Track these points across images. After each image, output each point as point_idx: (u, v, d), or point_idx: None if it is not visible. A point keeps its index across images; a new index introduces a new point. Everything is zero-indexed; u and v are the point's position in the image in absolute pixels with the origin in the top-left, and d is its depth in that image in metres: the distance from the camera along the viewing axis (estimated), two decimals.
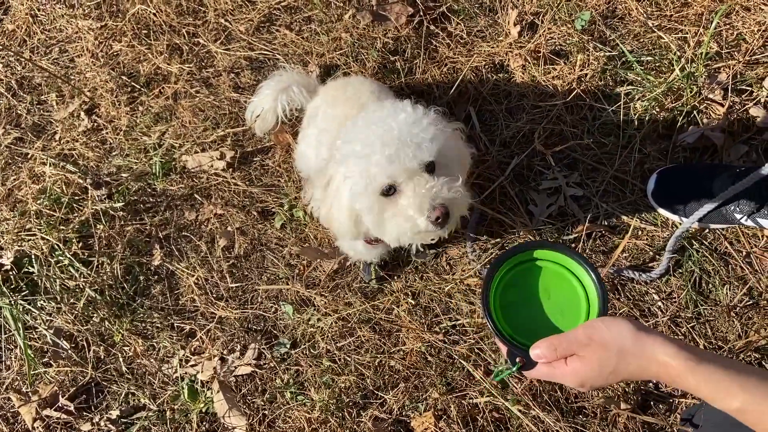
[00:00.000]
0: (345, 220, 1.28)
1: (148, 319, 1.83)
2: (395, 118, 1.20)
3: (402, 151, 1.18)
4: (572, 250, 1.05)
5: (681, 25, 1.91)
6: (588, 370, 0.91)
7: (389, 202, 1.24)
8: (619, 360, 0.88)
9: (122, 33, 2.19)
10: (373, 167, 1.19)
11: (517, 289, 1.05)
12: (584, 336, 0.92)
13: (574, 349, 0.92)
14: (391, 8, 2.07)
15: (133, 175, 1.97)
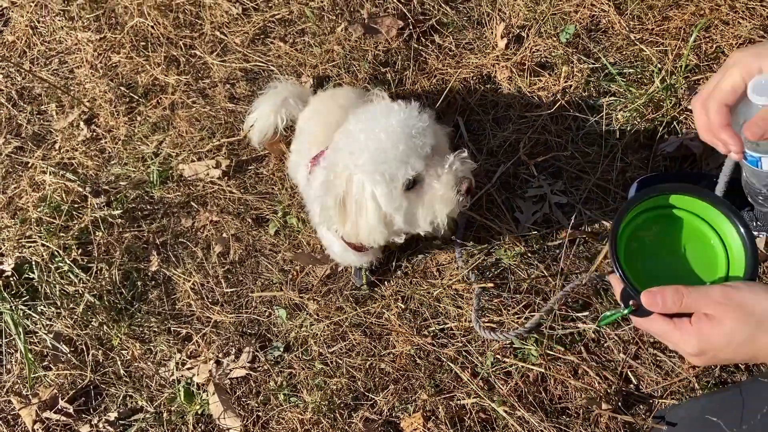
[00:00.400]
0: (377, 226, 1.32)
1: (146, 323, 1.88)
2: (389, 115, 1.27)
3: (411, 143, 1.25)
4: (722, 200, 0.90)
5: (662, 38, 1.98)
6: (716, 334, 0.74)
7: (414, 194, 1.31)
8: (757, 331, 0.73)
9: (121, 45, 2.25)
10: (391, 167, 1.24)
11: (646, 235, 0.93)
12: (720, 293, 0.76)
13: (704, 305, 0.76)
14: (382, 21, 2.13)
15: (131, 184, 2.03)
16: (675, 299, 0.76)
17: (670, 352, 1.62)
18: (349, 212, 1.32)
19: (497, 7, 2.12)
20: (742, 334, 0.73)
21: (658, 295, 0.77)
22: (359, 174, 1.28)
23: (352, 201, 1.30)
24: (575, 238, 1.78)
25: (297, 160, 1.69)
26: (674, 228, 0.92)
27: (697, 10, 1.99)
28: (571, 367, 1.64)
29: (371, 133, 1.26)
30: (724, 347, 0.75)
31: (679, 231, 0.92)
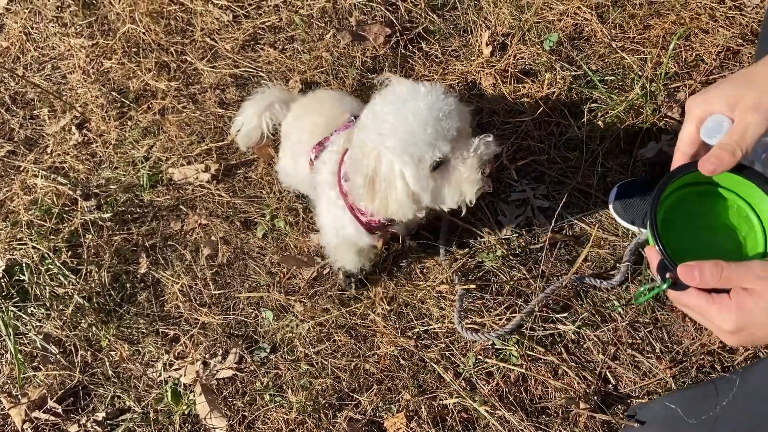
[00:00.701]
0: (406, 202, 1.38)
1: (134, 324, 1.90)
2: (417, 98, 1.30)
3: (439, 126, 1.29)
4: (760, 174, 0.88)
5: (643, 46, 2.02)
6: (758, 309, 0.73)
7: (440, 174, 1.36)
8: None
9: (113, 51, 2.28)
10: (420, 149, 1.29)
11: (683, 211, 0.92)
12: (761, 267, 0.74)
13: (744, 280, 0.74)
14: (370, 29, 2.17)
15: (122, 187, 2.05)
16: (714, 272, 0.75)
17: (648, 353, 1.65)
18: (378, 190, 1.37)
19: (483, 16, 2.16)
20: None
21: (696, 269, 0.76)
22: (388, 155, 1.33)
23: (381, 179, 1.36)
24: (556, 242, 1.81)
25: (285, 164, 1.73)
26: (712, 204, 0.92)
27: (677, 19, 2.03)
28: (551, 368, 1.67)
29: (399, 114, 1.30)
30: (764, 323, 0.72)
31: (716, 207, 0.92)
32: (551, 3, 2.11)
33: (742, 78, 0.88)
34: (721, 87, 0.89)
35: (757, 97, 0.84)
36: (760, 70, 0.88)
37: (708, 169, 0.86)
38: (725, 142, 0.85)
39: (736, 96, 0.86)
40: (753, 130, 0.84)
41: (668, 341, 1.66)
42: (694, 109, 0.90)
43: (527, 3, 2.13)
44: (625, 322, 1.69)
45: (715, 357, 1.62)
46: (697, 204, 0.93)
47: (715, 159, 0.85)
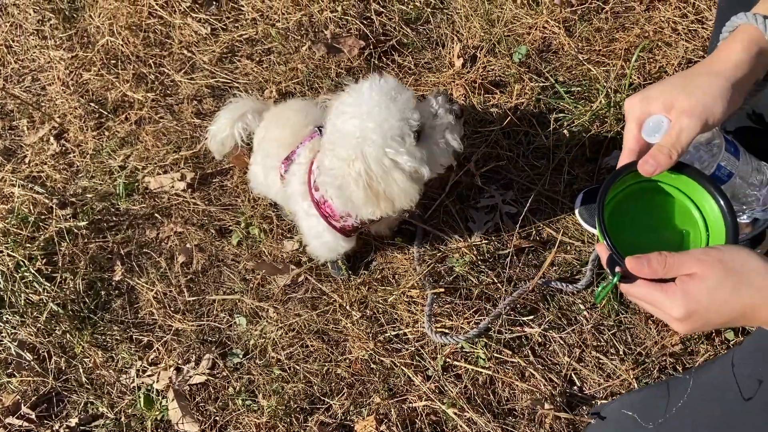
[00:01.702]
0: (410, 188, 1.43)
1: (108, 331, 1.92)
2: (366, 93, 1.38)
3: (399, 101, 1.36)
4: (702, 173, 0.93)
5: (608, 58, 2.09)
6: (701, 291, 0.77)
7: (423, 141, 1.42)
8: (740, 282, 0.76)
9: (92, 63, 2.32)
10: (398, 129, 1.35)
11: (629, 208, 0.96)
12: (701, 251, 0.79)
13: (687, 266, 0.78)
14: (345, 41, 2.22)
15: (98, 196, 2.08)
16: (659, 261, 0.79)
17: (611, 355, 1.69)
18: (378, 190, 1.40)
19: (455, 29, 2.23)
20: (726, 289, 0.75)
21: (643, 260, 0.80)
22: (373, 152, 1.36)
23: (377, 181, 1.39)
24: (524, 247, 1.85)
25: (256, 172, 1.77)
26: (657, 201, 0.96)
27: (641, 32, 2.10)
28: (518, 370, 1.70)
29: (362, 115, 1.35)
30: (709, 305, 0.76)
31: (661, 204, 0.95)
32: (520, 17, 2.18)
33: (679, 81, 0.93)
34: (658, 89, 0.94)
35: (691, 102, 0.89)
36: (697, 75, 0.93)
37: (646, 171, 0.91)
38: (662, 144, 0.90)
39: (672, 99, 0.91)
40: (687, 133, 0.89)
41: (631, 343, 1.70)
42: (633, 110, 0.95)
43: (497, 17, 2.19)
44: (590, 324, 1.73)
45: (677, 358, 1.66)
46: (642, 201, 0.96)
47: (653, 161, 0.90)
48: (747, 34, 0.94)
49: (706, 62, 0.95)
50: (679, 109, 0.91)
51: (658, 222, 0.95)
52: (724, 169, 1.06)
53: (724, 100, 0.90)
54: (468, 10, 2.22)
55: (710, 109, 0.90)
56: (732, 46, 0.94)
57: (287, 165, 1.64)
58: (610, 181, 0.94)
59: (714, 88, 0.91)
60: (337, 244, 1.70)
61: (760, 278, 0.76)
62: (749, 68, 0.93)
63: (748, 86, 0.95)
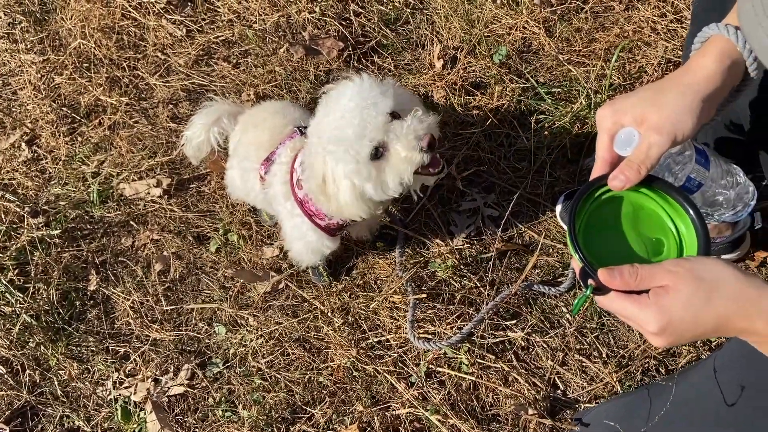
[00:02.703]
0: (354, 202, 1.40)
1: (84, 343, 1.87)
2: (345, 94, 1.35)
3: (366, 114, 1.32)
4: (671, 185, 0.94)
5: (588, 59, 2.08)
6: (675, 304, 0.76)
7: (382, 161, 1.38)
8: (712, 294, 0.75)
9: (64, 66, 2.26)
10: (353, 144, 1.32)
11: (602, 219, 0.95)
12: (671, 262, 0.79)
13: (659, 278, 0.78)
14: (323, 43, 2.19)
15: (71, 203, 2.03)
16: (631, 274, 0.79)
17: (594, 358, 1.68)
18: (331, 192, 1.41)
19: (435, 30, 2.20)
20: (699, 300, 0.75)
21: (615, 272, 0.80)
22: (329, 159, 1.37)
23: (330, 181, 1.39)
24: (506, 250, 1.84)
25: (233, 176, 1.73)
26: (630, 211, 0.95)
27: (621, 32, 2.09)
28: (501, 375, 1.68)
29: (331, 116, 1.35)
30: (683, 317, 0.76)
31: (634, 215, 0.95)
32: (500, 17, 2.16)
33: (650, 95, 0.92)
34: (629, 102, 0.93)
35: (661, 118, 0.89)
36: (668, 88, 0.92)
37: (616, 186, 0.90)
38: (631, 159, 0.89)
39: (642, 114, 0.90)
40: (656, 149, 0.89)
41: (614, 346, 1.70)
42: (604, 121, 0.94)
43: (477, 17, 2.17)
44: (572, 327, 1.72)
45: (660, 360, 1.66)
46: (614, 212, 0.95)
47: (622, 176, 0.89)
48: (719, 46, 0.93)
49: (678, 74, 0.95)
50: (648, 124, 0.90)
51: (630, 232, 0.94)
52: (694, 181, 1.06)
53: (693, 116, 0.90)
54: (448, 10, 2.19)
55: (680, 124, 0.89)
56: (703, 59, 0.93)
57: (267, 166, 1.61)
58: (582, 193, 0.94)
59: (684, 103, 0.90)
60: (322, 244, 1.67)
61: (732, 288, 0.75)
62: (721, 81, 0.92)
63: (720, 98, 0.94)
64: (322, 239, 1.65)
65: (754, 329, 0.76)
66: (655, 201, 0.95)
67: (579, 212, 0.92)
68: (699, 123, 0.91)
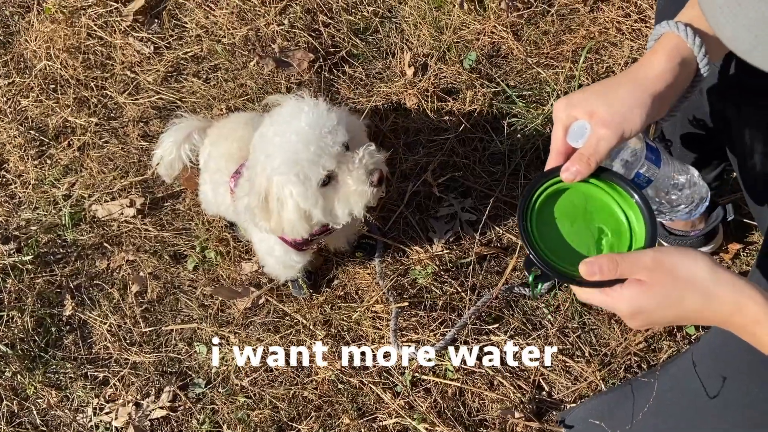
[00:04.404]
0: (297, 222, 1.40)
1: (61, 370, 1.83)
2: (299, 117, 1.34)
3: (322, 142, 1.32)
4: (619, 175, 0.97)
5: (557, 61, 2.10)
6: (646, 297, 0.80)
7: (331, 189, 1.39)
8: (686, 292, 0.79)
9: (30, 89, 2.22)
10: (304, 168, 1.32)
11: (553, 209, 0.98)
12: (651, 259, 0.82)
13: (637, 271, 0.82)
14: (294, 55, 2.19)
15: (43, 228, 1.99)
16: (610, 266, 0.82)
17: (578, 358, 1.69)
18: (272, 209, 1.39)
19: (404, 38, 2.21)
20: (672, 297, 0.79)
21: (595, 265, 0.83)
22: (276, 179, 1.36)
23: (273, 199, 1.38)
24: (486, 254, 1.84)
25: (206, 191, 1.72)
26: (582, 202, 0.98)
27: (587, 33, 2.12)
28: (486, 380, 1.69)
29: (283, 135, 1.34)
30: (654, 309, 0.81)
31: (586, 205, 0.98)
32: (468, 23, 2.17)
33: (601, 90, 0.95)
34: (581, 96, 0.96)
35: (610, 112, 0.92)
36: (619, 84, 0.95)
37: (567, 178, 0.94)
38: (581, 152, 0.92)
39: (592, 107, 0.93)
40: (604, 143, 0.92)
41: (596, 344, 1.71)
42: (559, 114, 0.97)
43: (446, 23, 2.19)
44: (554, 328, 1.73)
45: (642, 357, 1.67)
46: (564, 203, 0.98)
47: (574, 168, 0.93)
48: (671, 43, 0.95)
49: (630, 71, 0.97)
50: (598, 118, 0.93)
51: (580, 222, 0.97)
52: (643, 177, 1.10)
53: (642, 112, 0.92)
54: (416, 18, 2.20)
55: (628, 120, 0.92)
56: (655, 56, 0.95)
57: (236, 179, 1.60)
58: (533, 185, 0.97)
59: (633, 98, 0.92)
60: (289, 259, 1.66)
61: (705, 284, 0.79)
62: (672, 78, 0.94)
63: (672, 95, 0.97)
64: (288, 254, 1.64)
65: (729, 321, 0.80)
66: (604, 191, 0.98)
67: (530, 203, 0.96)
68: (648, 119, 0.93)
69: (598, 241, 0.96)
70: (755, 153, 1.22)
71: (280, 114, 1.38)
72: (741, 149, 1.24)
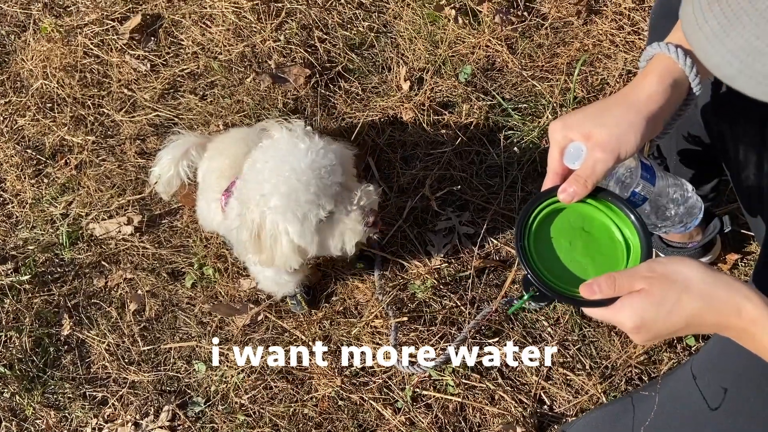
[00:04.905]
0: (291, 256, 1.41)
1: (60, 390, 1.82)
2: (297, 156, 1.34)
3: (321, 183, 1.33)
4: (615, 195, 0.99)
5: (551, 74, 2.11)
6: (646, 305, 0.82)
7: (326, 225, 1.40)
8: (682, 296, 0.80)
9: (26, 108, 2.22)
10: (303, 209, 1.32)
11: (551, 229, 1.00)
12: (646, 268, 0.85)
13: (634, 283, 0.84)
14: (290, 70, 2.19)
15: (40, 247, 1.98)
16: (609, 284, 0.85)
17: (578, 371, 1.69)
18: (264, 244, 1.39)
19: (400, 52, 2.22)
20: (670, 301, 0.80)
21: (594, 285, 0.86)
22: (271, 215, 1.35)
23: (266, 234, 1.38)
24: (484, 267, 1.84)
25: (203, 207, 1.71)
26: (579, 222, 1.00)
27: (581, 46, 2.14)
28: (487, 394, 1.68)
29: (281, 173, 1.33)
30: (655, 317, 0.81)
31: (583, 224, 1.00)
32: (463, 37, 2.19)
33: (596, 113, 0.96)
34: (576, 118, 0.98)
35: (605, 135, 0.93)
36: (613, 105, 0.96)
37: (565, 199, 0.96)
38: (578, 174, 0.94)
39: (588, 130, 0.95)
40: (600, 167, 0.94)
41: (597, 357, 1.71)
42: (554, 135, 0.98)
43: (441, 38, 2.20)
44: (555, 341, 1.72)
45: (642, 368, 1.67)
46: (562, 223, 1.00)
47: (571, 189, 0.94)
48: (661, 65, 0.96)
49: (623, 93, 0.98)
50: (593, 141, 0.95)
51: (578, 242, 0.99)
52: (639, 195, 1.12)
53: (637, 134, 0.93)
54: (411, 32, 2.22)
55: (623, 142, 0.93)
56: (646, 78, 0.97)
57: (227, 197, 1.59)
58: (530, 205, 0.99)
59: (627, 121, 0.94)
60: (280, 278, 1.66)
61: (701, 286, 0.80)
62: (664, 99, 0.95)
63: (665, 115, 0.98)
64: (279, 274, 1.64)
65: (727, 324, 0.81)
66: (601, 210, 1.00)
67: (527, 224, 0.98)
68: (643, 140, 0.95)
69: (595, 261, 0.97)
70: (749, 165, 1.23)
71: (275, 148, 1.37)
72: (735, 164, 1.25)
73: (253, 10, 2.28)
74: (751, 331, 0.79)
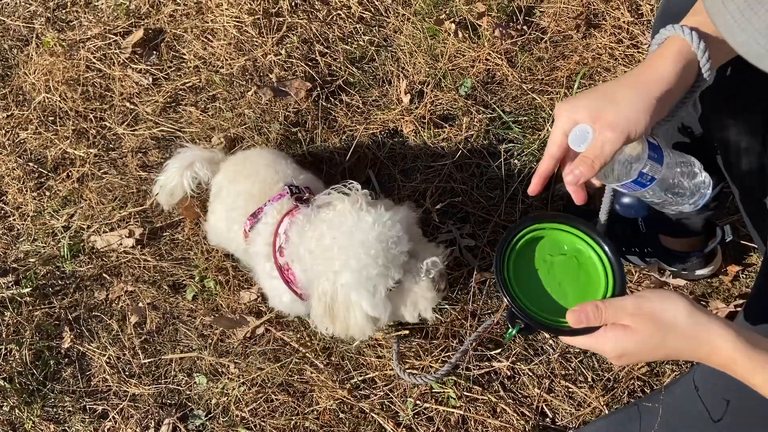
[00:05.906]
0: (366, 326, 1.43)
1: (60, 403, 1.81)
2: (365, 231, 1.34)
3: (390, 254, 1.34)
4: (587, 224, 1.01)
5: (551, 87, 2.13)
6: (630, 342, 0.86)
7: (396, 293, 1.42)
8: (667, 336, 0.84)
9: (28, 121, 2.24)
10: (373, 281, 1.34)
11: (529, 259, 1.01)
12: (633, 305, 0.87)
13: (620, 317, 0.86)
14: (291, 84, 2.21)
15: (41, 260, 1.98)
16: (595, 314, 0.88)
17: (581, 383, 1.68)
18: (338, 315, 1.41)
19: (400, 66, 2.24)
20: (654, 341, 0.84)
21: (581, 313, 0.88)
22: (342, 290, 1.37)
23: (339, 306, 1.40)
24: (486, 279, 1.84)
25: (215, 223, 1.72)
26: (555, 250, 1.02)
27: (581, 59, 2.16)
28: (489, 407, 1.67)
29: (349, 249, 1.34)
30: (638, 352, 0.86)
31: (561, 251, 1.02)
32: (463, 50, 2.21)
33: (606, 94, 0.95)
34: (585, 99, 0.97)
35: (616, 115, 0.92)
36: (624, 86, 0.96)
37: (570, 182, 0.96)
38: (586, 155, 0.92)
39: (598, 111, 0.94)
40: (610, 146, 0.92)
41: (599, 369, 1.70)
42: (561, 117, 0.97)
43: (441, 51, 2.22)
44: (556, 353, 1.72)
45: (644, 381, 1.66)
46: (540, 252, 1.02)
47: (577, 170, 0.94)
48: (675, 47, 0.95)
49: (634, 73, 0.97)
50: (603, 122, 0.94)
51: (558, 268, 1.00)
52: (647, 176, 1.10)
53: (647, 115, 0.93)
54: (411, 46, 2.24)
55: (633, 123, 0.93)
56: (660, 59, 0.96)
57: (252, 222, 1.60)
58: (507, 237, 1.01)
59: (638, 102, 0.93)
60: (296, 307, 1.66)
61: (685, 328, 0.84)
62: (676, 81, 0.95)
63: (675, 98, 0.97)
64: (296, 303, 1.64)
65: (710, 361, 0.85)
66: (579, 237, 1.02)
67: (505, 256, 1.00)
68: (652, 121, 0.94)
69: (574, 287, 0.98)
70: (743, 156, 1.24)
71: (340, 220, 1.38)
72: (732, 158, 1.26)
73: (254, 25, 2.31)
74: (731, 369, 0.83)
